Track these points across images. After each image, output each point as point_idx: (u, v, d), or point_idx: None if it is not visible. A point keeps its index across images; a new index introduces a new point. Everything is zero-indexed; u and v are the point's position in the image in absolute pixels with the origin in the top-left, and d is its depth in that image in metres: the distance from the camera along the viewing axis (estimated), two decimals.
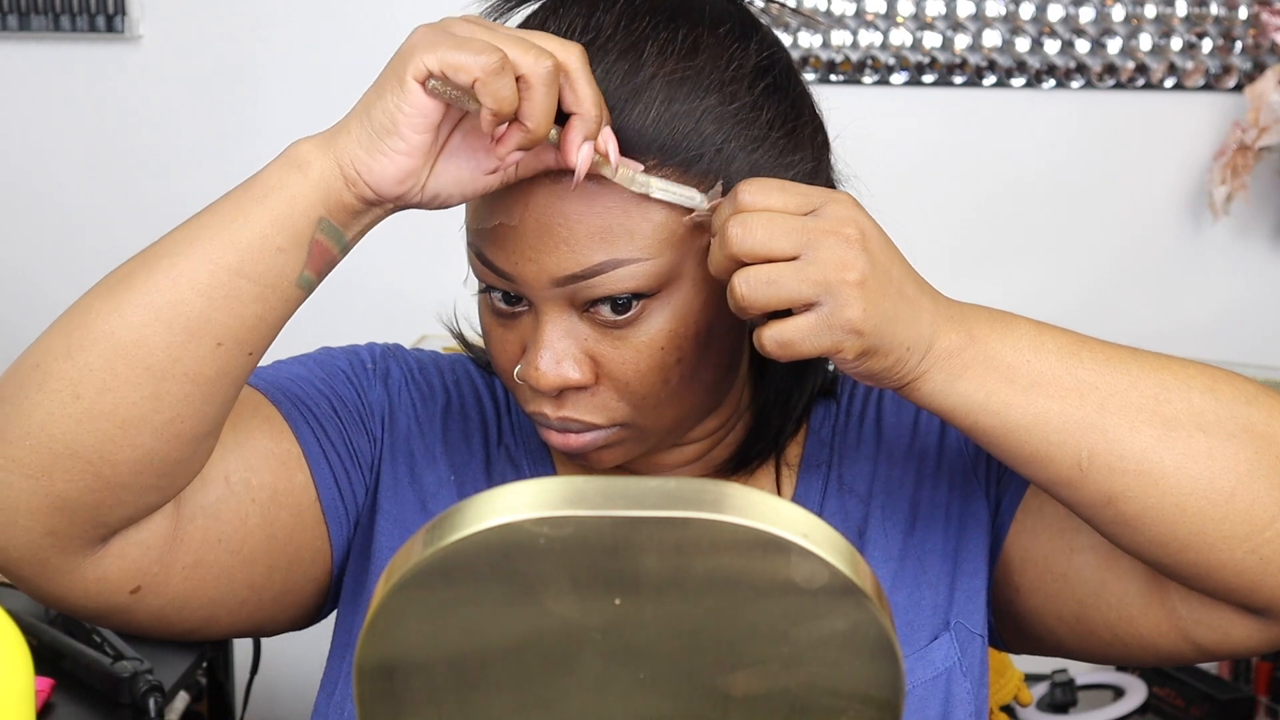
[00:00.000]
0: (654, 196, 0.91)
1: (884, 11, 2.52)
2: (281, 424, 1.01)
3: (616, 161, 0.89)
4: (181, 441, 0.89)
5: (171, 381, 0.87)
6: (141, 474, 0.89)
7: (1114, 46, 2.53)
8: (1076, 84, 2.54)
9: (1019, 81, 2.53)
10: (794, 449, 1.08)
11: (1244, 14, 2.53)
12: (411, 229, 2.44)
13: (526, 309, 0.95)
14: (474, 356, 1.12)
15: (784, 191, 0.87)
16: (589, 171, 0.89)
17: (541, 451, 1.08)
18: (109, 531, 0.92)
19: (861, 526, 1.05)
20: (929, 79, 2.53)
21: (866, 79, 2.53)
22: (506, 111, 0.84)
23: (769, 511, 0.58)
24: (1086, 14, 2.52)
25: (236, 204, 0.89)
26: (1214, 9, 2.53)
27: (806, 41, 2.51)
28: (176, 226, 0.90)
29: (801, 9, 2.50)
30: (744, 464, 1.06)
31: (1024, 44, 2.52)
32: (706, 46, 0.94)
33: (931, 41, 2.52)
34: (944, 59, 2.53)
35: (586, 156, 0.88)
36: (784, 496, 1.05)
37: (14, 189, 2.56)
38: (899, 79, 2.53)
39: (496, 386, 1.10)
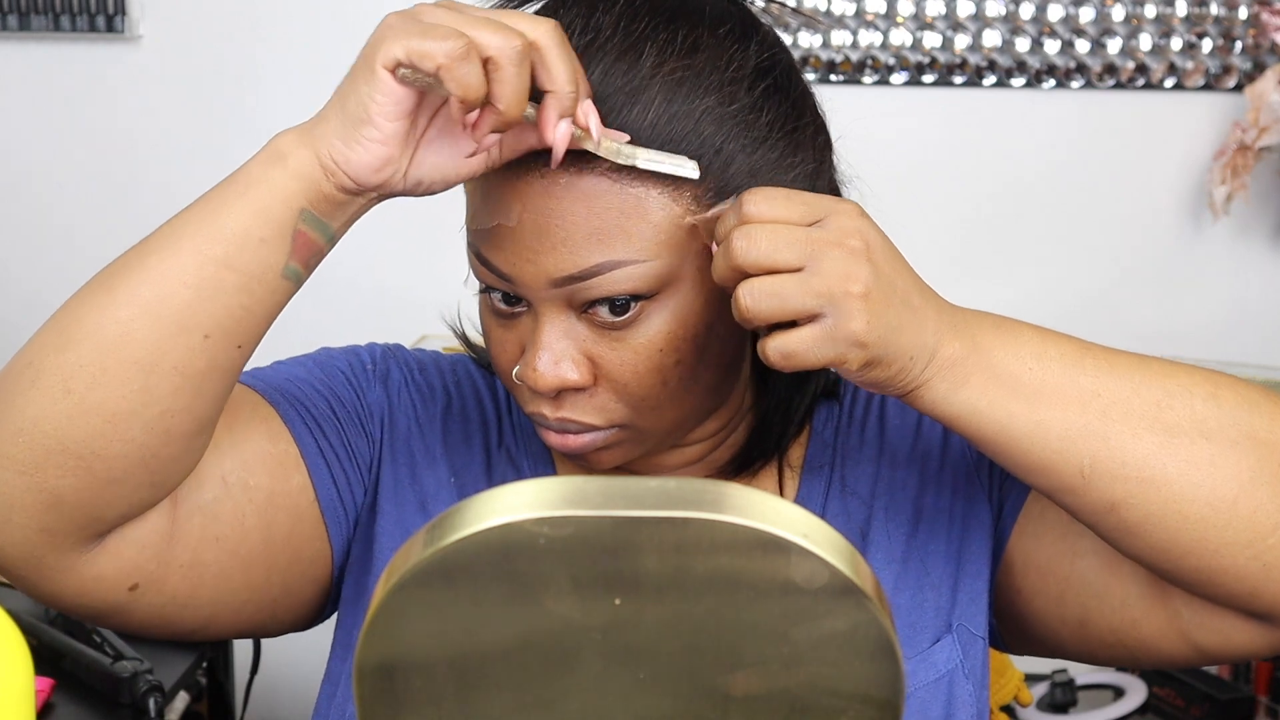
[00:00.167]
0: (640, 167, 0.89)
1: (884, 11, 2.52)
2: (279, 425, 1.01)
3: (599, 135, 0.88)
4: (172, 437, 0.89)
5: (160, 375, 0.87)
6: (133, 470, 0.89)
7: (1114, 46, 2.53)
8: (1076, 84, 2.53)
9: (1019, 81, 2.53)
10: (796, 450, 1.07)
11: (1244, 14, 2.53)
12: (411, 229, 2.44)
13: (526, 309, 0.95)
14: (475, 357, 1.12)
15: (789, 201, 0.87)
16: (576, 148, 0.88)
17: (543, 453, 1.08)
18: (103, 529, 0.92)
19: (864, 528, 1.04)
20: (929, 79, 2.53)
21: (866, 79, 2.53)
22: (473, 97, 0.84)
23: (769, 511, 0.58)
24: (1086, 14, 2.52)
25: (221, 197, 0.89)
26: (1214, 9, 2.53)
27: (806, 41, 2.51)
28: (165, 221, 0.90)
29: (802, 9, 2.49)
30: (746, 465, 1.06)
31: (1024, 44, 2.52)
32: (706, 47, 0.93)
33: (931, 41, 2.52)
34: (944, 59, 2.53)
35: (564, 134, 0.87)
36: (787, 498, 1.05)
37: (13, 189, 2.56)
38: (899, 79, 2.53)
39: (498, 387, 1.10)
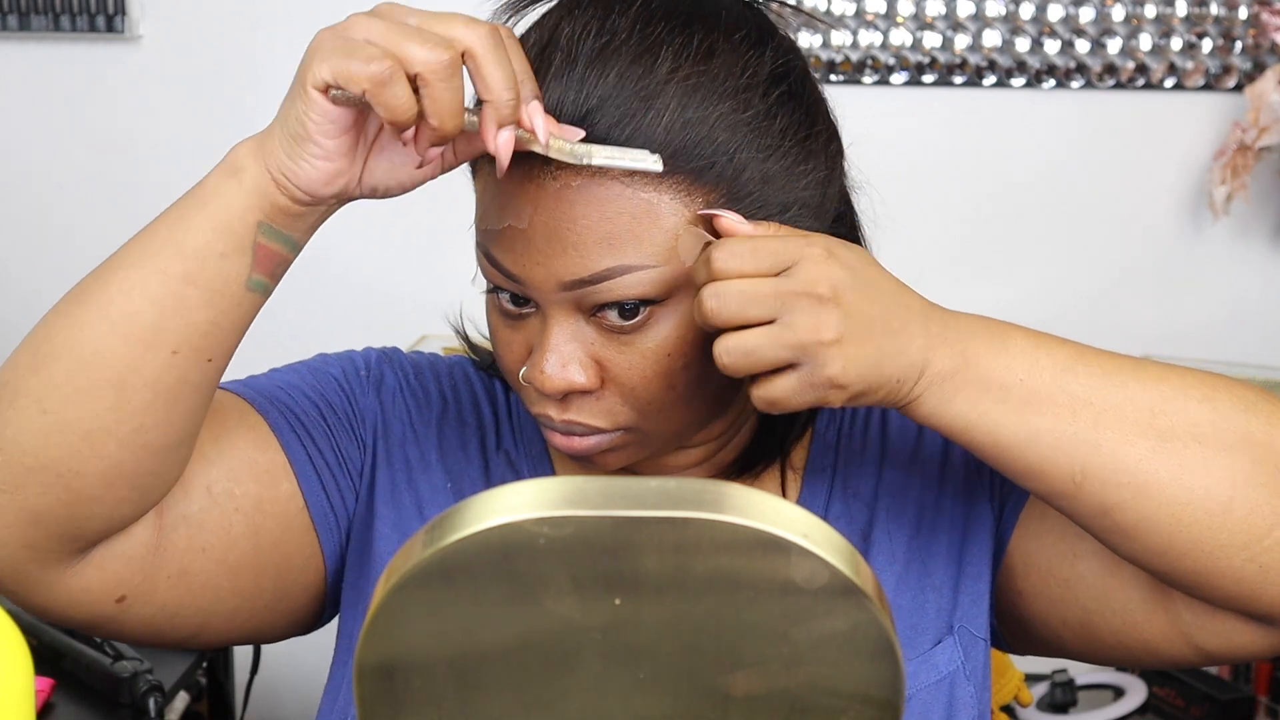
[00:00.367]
0: (596, 164, 0.88)
1: (884, 11, 2.51)
2: (267, 433, 1.01)
3: (545, 138, 0.86)
4: (149, 452, 0.89)
5: (131, 391, 0.87)
6: (112, 485, 0.89)
7: (1114, 46, 2.53)
8: (1076, 84, 2.53)
9: (1019, 81, 2.53)
10: (799, 453, 1.07)
11: (1244, 14, 2.53)
12: (412, 229, 2.44)
13: (534, 311, 0.95)
14: (475, 358, 1.12)
15: (755, 254, 0.87)
16: (525, 150, 0.86)
17: (542, 455, 1.07)
18: (86, 544, 0.92)
19: (866, 530, 1.04)
20: (929, 79, 2.53)
21: (866, 79, 2.53)
22: (403, 119, 0.82)
23: (769, 511, 0.58)
24: (1086, 14, 2.52)
25: (181, 212, 0.88)
26: (1214, 9, 2.53)
27: (806, 41, 2.51)
28: (134, 235, 0.89)
29: (802, 9, 2.49)
30: (749, 467, 1.06)
31: (1024, 44, 2.52)
32: (722, 53, 0.93)
33: (931, 41, 2.52)
34: (944, 59, 2.53)
35: (506, 142, 0.85)
36: (789, 500, 1.05)
37: (13, 189, 2.56)
38: (899, 79, 2.53)
39: (496, 389, 1.10)
